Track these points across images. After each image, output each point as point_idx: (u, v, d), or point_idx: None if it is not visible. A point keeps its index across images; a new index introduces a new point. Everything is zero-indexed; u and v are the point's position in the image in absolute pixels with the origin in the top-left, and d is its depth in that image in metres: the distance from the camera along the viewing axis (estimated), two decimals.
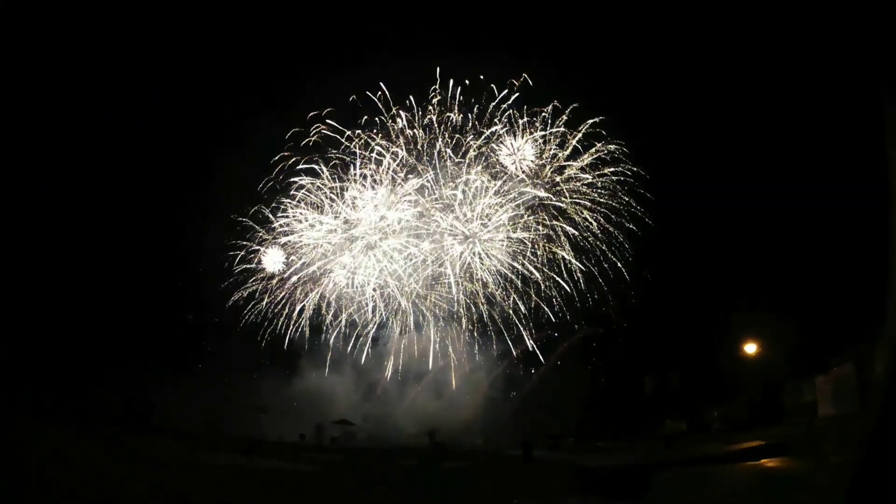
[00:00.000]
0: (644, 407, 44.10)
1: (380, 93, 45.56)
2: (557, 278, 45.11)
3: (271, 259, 47.47)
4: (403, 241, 45.66)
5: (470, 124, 45.19)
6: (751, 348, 37.69)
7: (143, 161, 43.71)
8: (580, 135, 44.99)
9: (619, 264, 44.72)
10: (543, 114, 45.07)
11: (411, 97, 45.71)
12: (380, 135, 45.93)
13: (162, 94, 43.50)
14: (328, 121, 45.88)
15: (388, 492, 23.85)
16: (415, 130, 45.78)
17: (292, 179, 46.64)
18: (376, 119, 45.89)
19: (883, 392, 6.82)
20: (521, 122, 45.08)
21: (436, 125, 45.47)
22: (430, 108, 45.45)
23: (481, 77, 44.66)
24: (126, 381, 37.12)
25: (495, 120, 44.95)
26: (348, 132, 45.97)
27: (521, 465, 32.80)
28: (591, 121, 44.79)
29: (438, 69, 44.51)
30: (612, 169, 45.27)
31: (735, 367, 37.41)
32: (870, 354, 22.65)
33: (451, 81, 44.82)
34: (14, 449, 18.59)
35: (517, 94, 44.61)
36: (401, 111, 45.73)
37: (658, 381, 44.48)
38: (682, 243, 42.22)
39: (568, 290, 44.78)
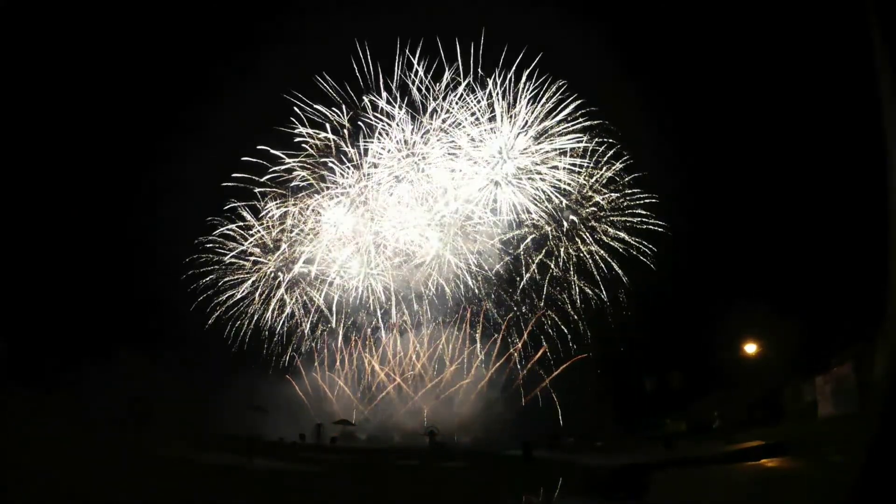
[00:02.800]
0: (644, 407, 44.07)
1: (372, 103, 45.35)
2: (554, 288, 45.43)
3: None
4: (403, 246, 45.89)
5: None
6: (751, 348, 37.70)
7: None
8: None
9: (619, 274, 44.89)
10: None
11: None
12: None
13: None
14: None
15: (387, 492, 23.86)
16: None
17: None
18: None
19: (883, 392, 6.82)
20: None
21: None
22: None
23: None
24: (125, 381, 37.10)
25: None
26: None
27: (521, 465, 32.83)
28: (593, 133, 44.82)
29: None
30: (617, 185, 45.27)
31: (735, 368, 37.39)
32: (870, 354, 22.64)
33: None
34: (14, 449, 18.58)
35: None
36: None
37: (658, 380, 44.42)
38: (682, 243, 42.24)
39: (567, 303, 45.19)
